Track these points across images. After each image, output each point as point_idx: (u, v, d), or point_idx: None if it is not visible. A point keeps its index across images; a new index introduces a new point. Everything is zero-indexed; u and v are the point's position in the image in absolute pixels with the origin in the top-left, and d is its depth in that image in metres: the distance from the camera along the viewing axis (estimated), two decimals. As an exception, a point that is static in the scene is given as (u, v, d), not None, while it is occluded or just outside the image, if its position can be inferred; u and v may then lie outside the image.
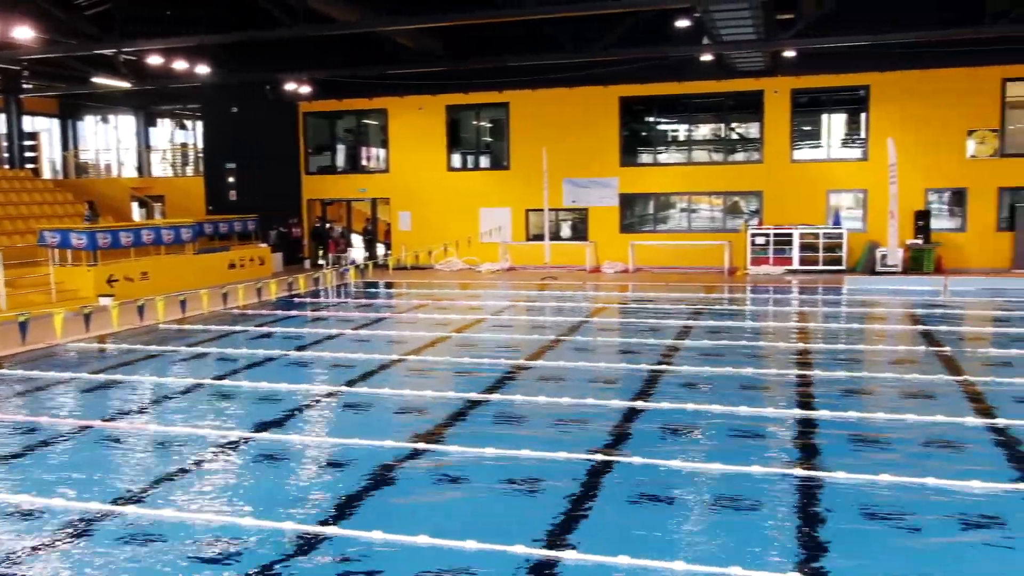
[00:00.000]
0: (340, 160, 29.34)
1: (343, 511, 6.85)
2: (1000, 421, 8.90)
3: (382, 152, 28.36)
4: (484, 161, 27.94)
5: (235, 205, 27.96)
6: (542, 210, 25.49)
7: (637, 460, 7.83)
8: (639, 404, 9.86)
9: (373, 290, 22.05)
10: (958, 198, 23.67)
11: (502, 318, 17.16)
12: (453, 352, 13.37)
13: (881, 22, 20.64)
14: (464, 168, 27.82)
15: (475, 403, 10.12)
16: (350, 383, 11.23)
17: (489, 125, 28.10)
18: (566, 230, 26.84)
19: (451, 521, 6.59)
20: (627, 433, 8.82)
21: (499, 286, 22.56)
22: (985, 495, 6.91)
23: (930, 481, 7.14)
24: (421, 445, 8.44)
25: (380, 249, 28.57)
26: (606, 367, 12.04)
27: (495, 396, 10.42)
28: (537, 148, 25.35)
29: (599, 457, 7.96)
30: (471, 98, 26.74)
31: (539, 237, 26.02)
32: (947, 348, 12.84)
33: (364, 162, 28.93)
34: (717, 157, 25.97)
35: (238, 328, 15.89)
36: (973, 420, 9.03)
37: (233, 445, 8.67)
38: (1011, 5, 19.18)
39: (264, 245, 26.13)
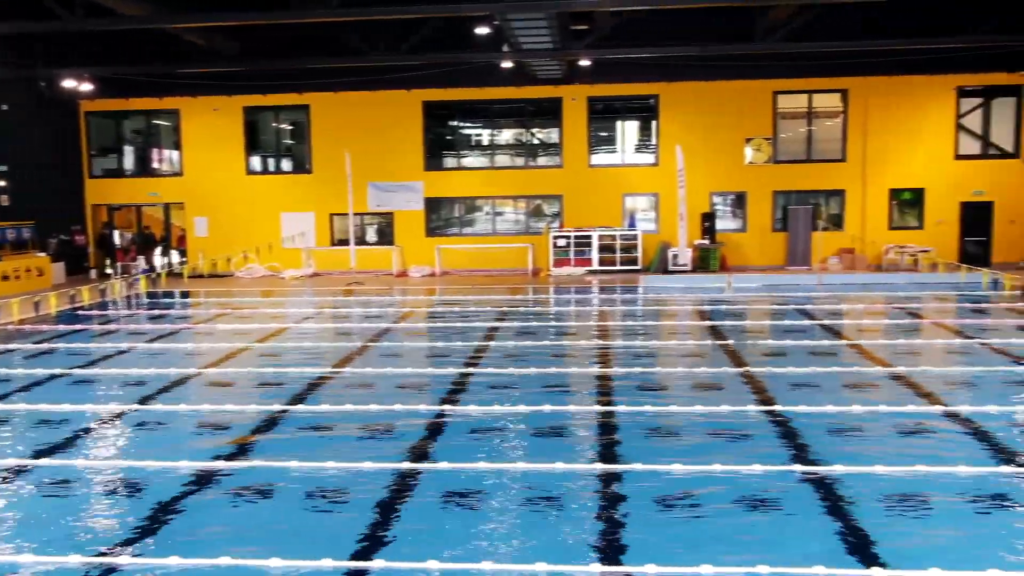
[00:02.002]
0: (128, 163, 27.58)
1: (137, 538, 6.44)
2: (777, 408, 9.67)
3: (175, 154, 26.95)
4: (285, 164, 27.19)
5: (7, 211, 25.61)
6: (347, 214, 25.14)
7: (445, 465, 7.87)
8: (447, 408, 9.93)
9: (167, 300, 20.91)
10: (739, 201, 25.51)
11: (307, 326, 16.77)
12: (255, 363, 12.92)
13: (668, 36, 21.92)
14: (264, 172, 26.95)
15: (279, 415, 9.81)
16: (143, 400, 10.58)
17: (290, 127, 27.36)
18: (372, 234, 26.60)
19: (255, 540, 6.36)
20: (435, 438, 8.85)
21: (303, 293, 22.03)
22: (765, 476, 7.47)
23: (717, 468, 7.63)
24: (222, 463, 8.09)
25: (175, 256, 27.11)
26: (414, 372, 12.03)
27: (300, 407, 10.15)
28: (340, 151, 24.98)
29: (407, 464, 7.95)
30: (269, 99, 25.96)
31: (344, 242, 25.65)
32: (731, 341, 13.80)
33: (155, 165, 27.38)
34: (519, 161, 26.61)
35: (13, 346, 14.59)
36: (754, 408, 9.75)
37: (9, 474, 7.94)
38: (775, 26, 20.87)
39: (42, 254, 24.11)
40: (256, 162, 26.88)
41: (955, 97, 24.52)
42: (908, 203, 25.10)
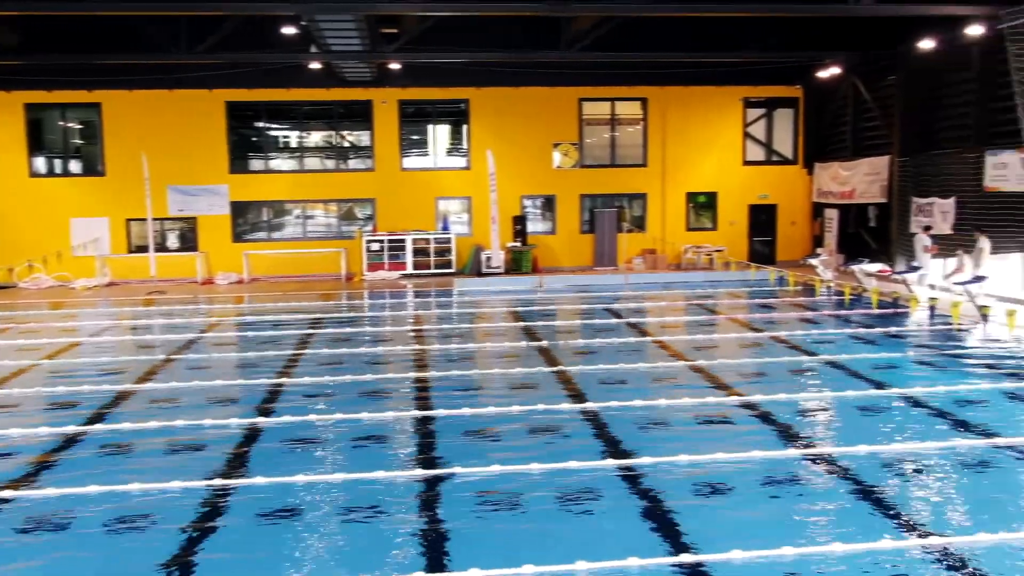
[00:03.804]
0: None
1: (-93, 583, 5.81)
2: (589, 404, 10.02)
3: (-56, 155, 24.47)
4: (75, 166, 25.32)
5: None
6: (145, 219, 23.76)
7: (260, 480, 7.60)
8: (260, 421, 9.60)
9: (-61, 315, 18.95)
10: (548, 204, 26.24)
11: (103, 339, 15.70)
12: (44, 382, 11.94)
13: (477, 42, 22.24)
14: (51, 174, 24.97)
15: (74, 437, 9.12)
16: (-89, 428, 9.54)
17: (79, 127, 25.50)
18: (173, 240, 25.26)
19: (50, 574, 5.89)
20: (248, 452, 8.54)
21: (98, 304, 20.59)
22: (580, 472, 7.73)
23: (535, 466, 7.81)
24: (8, 492, 7.42)
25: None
26: (223, 384, 11.53)
27: (98, 427, 9.49)
28: (137, 153, 23.56)
29: (219, 482, 7.61)
30: (55, 97, 24.11)
31: (143, 248, 24.21)
32: (544, 341, 14.17)
33: (-80, 166, 24.74)
34: (330, 164, 26.13)
35: None
36: (568, 406, 10.06)
37: None
38: (579, 36, 21.69)
39: None
40: (41, 164, 24.87)
41: (742, 107, 26.37)
42: (703, 206, 26.73)
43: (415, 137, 26.22)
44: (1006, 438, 8.54)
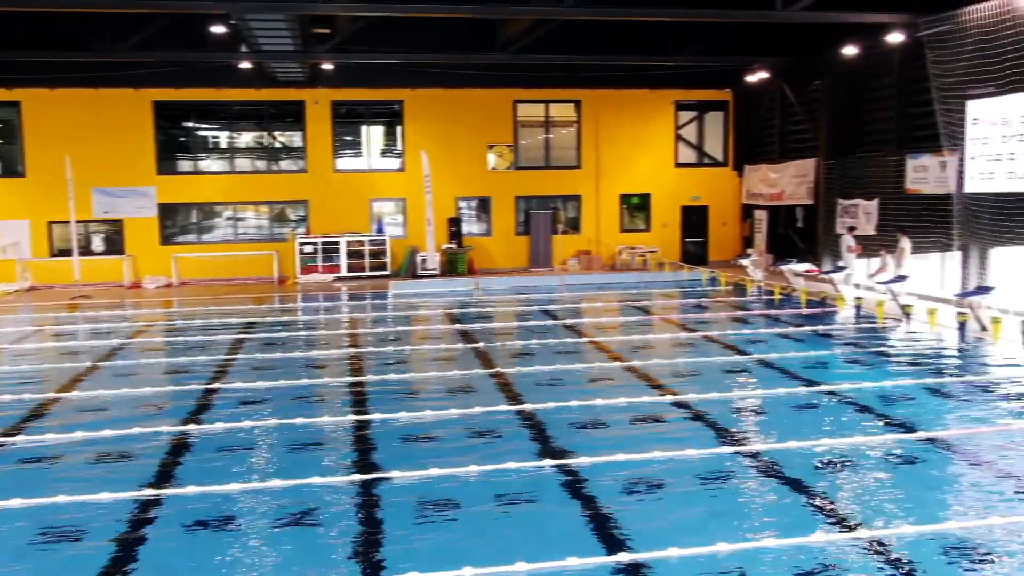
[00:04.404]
0: None
1: None
2: (527, 406, 10.05)
3: None
4: (-8, 167, 24.45)
5: None
6: (68, 222, 23.04)
7: (192, 489, 7.43)
8: (191, 428, 9.39)
9: None
10: (484, 206, 26.24)
11: (24, 346, 15.17)
12: (-38, 391, 11.51)
13: (412, 43, 22.14)
14: (-34, 175, 24.08)
15: (-5, 448, 8.81)
16: None
17: (-3, 126, 24.63)
18: (99, 243, 24.54)
19: (-31, 592, 5.68)
20: (180, 461, 8.34)
21: (19, 309, 19.90)
22: (517, 472, 7.74)
23: (473, 469, 7.80)
24: (-76, 507, 7.13)
25: None
26: (153, 391, 11.24)
27: (19, 438, 9.17)
28: (59, 153, 22.84)
29: (149, 492, 7.42)
30: (-29, 95, 23.29)
31: (66, 252, 23.48)
32: (481, 344, 14.17)
33: None
34: (261, 166, 25.71)
35: None
36: (505, 407, 10.07)
37: None
38: (513, 39, 21.76)
39: None
40: (-44, 164, 23.96)
41: (673, 110, 26.76)
42: (636, 207, 27.04)
43: (348, 138, 25.96)
44: (929, 432, 8.84)
